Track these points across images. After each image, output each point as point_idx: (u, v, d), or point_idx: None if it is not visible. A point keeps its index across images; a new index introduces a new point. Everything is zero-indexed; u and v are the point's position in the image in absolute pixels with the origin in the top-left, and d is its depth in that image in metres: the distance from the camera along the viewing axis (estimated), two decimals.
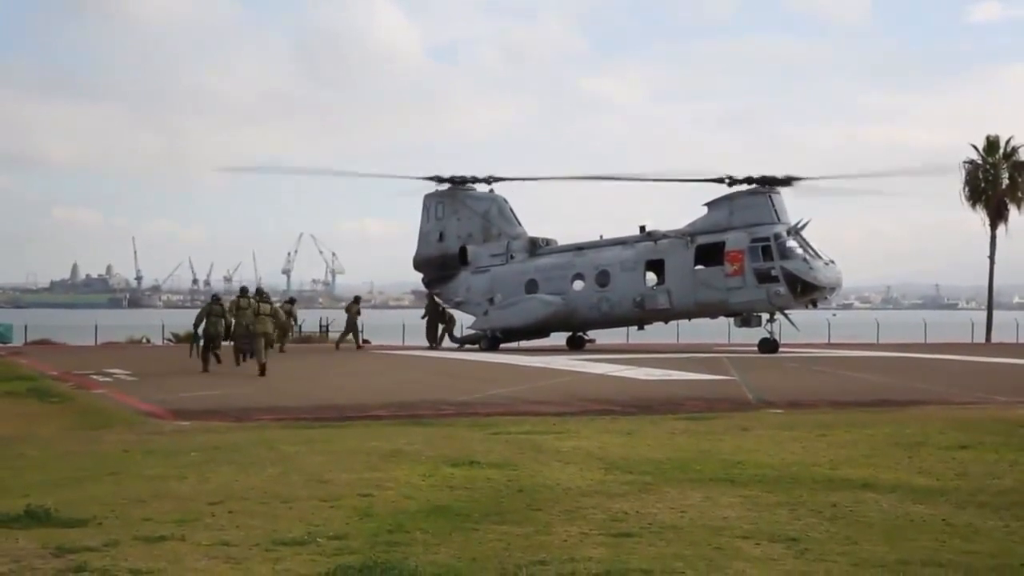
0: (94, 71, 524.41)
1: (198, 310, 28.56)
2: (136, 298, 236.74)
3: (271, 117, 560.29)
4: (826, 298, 36.50)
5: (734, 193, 36.38)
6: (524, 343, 40.57)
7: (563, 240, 41.16)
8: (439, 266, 41.16)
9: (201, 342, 27.00)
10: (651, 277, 37.58)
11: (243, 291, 28.15)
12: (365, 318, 41.11)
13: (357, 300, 41.40)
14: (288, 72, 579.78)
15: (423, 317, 40.74)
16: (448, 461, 10.98)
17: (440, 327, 40.34)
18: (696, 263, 36.23)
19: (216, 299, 28.14)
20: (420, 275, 42.56)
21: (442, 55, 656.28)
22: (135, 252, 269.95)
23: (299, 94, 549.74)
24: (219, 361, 26.77)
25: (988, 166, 54.88)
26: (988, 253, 54.66)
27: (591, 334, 40.32)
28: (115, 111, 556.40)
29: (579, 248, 39.36)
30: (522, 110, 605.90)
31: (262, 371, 24.40)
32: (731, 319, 37.21)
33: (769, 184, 36.25)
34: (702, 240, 36.01)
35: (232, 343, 27.34)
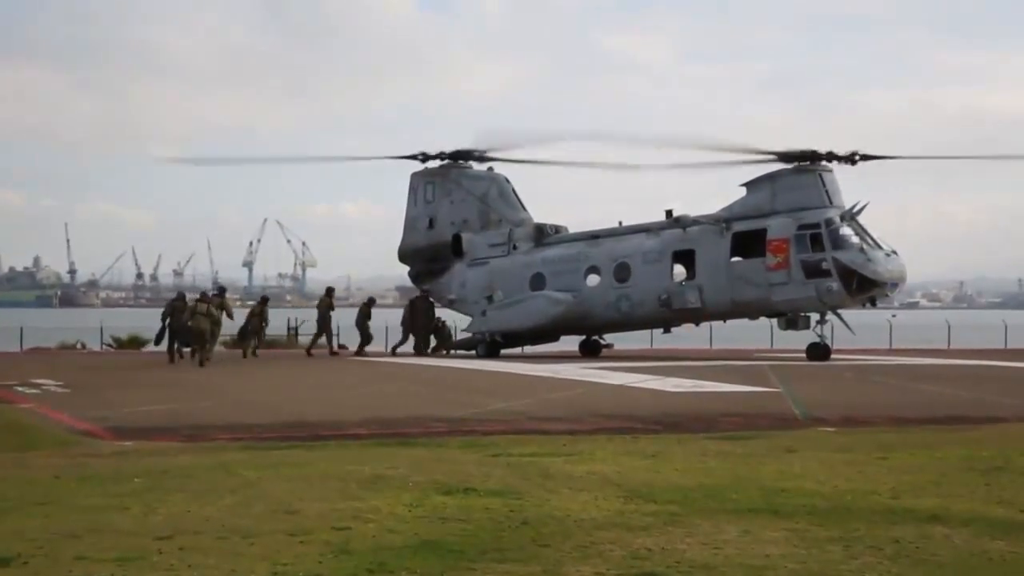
0: (14, 21, 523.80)
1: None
2: (69, 295, 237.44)
3: (233, 79, 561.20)
4: (887, 295, 36.50)
5: (778, 171, 36.38)
6: (529, 348, 40.63)
7: (575, 227, 41.27)
8: (429, 258, 41.24)
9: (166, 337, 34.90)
10: (679, 271, 37.63)
11: (203, 296, 35.23)
12: (339, 317, 41.08)
13: (264, 301, 41.72)
14: (254, 26, 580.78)
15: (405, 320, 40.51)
16: (439, 488, 11.01)
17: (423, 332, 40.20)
18: (733, 254, 36.25)
19: (180, 297, 36.59)
20: (406, 268, 42.66)
21: (436, 5, 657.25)
22: (68, 241, 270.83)
23: (266, 52, 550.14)
24: (181, 358, 33.85)
25: None
26: None
27: (608, 338, 40.39)
28: (42, 70, 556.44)
29: (594, 236, 39.40)
30: (530, 71, 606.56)
31: (201, 363, 32.14)
32: (774, 320, 37.26)
33: (820, 160, 36.26)
34: (740, 227, 36.03)
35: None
